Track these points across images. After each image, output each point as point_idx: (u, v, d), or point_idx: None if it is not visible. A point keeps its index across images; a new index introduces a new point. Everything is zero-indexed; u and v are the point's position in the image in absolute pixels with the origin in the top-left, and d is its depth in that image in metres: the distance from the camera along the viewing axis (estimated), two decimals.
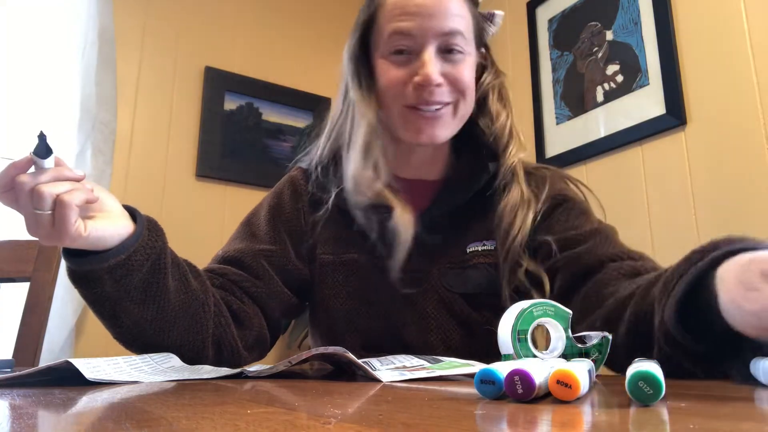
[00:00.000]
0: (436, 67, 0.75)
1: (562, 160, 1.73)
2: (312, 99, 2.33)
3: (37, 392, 0.41)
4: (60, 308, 1.63)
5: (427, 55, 0.75)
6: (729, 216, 1.31)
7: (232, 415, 0.28)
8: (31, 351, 1.01)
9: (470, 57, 0.79)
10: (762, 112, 1.28)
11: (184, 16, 2.16)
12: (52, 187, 0.54)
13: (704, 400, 0.36)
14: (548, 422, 0.27)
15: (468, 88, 0.78)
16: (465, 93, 0.78)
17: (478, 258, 0.80)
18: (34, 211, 0.54)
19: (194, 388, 0.44)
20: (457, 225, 0.82)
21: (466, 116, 0.81)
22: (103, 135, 1.84)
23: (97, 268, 0.59)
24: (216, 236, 1.99)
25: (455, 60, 0.77)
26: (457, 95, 0.78)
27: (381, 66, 0.79)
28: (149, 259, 0.62)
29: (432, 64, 0.74)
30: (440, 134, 0.79)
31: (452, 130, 0.80)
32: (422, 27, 0.75)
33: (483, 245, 0.81)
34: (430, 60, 0.74)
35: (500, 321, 0.47)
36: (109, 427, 0.26)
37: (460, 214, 0.82)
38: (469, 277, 0.79)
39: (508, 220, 0.77)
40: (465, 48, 0.77)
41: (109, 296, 0.61)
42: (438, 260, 0.80)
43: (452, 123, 0.79)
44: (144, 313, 0.64)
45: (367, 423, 0.26)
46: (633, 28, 1.59)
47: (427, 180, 0.86)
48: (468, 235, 0.82)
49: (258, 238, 0.84)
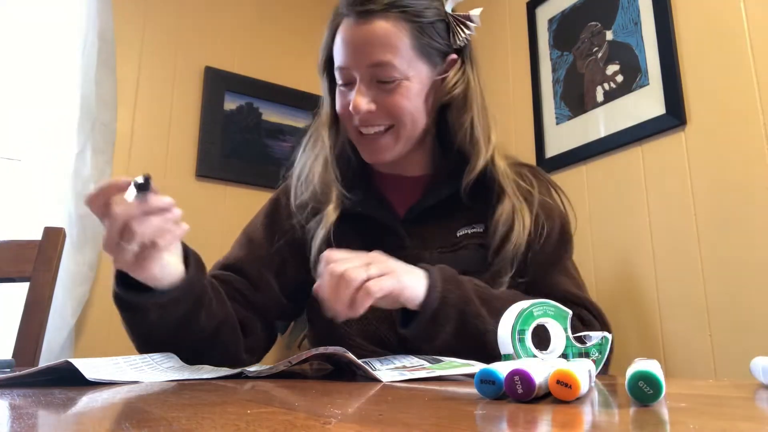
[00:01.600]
0: (363, 98, 0.80)
1: (562, 160, 1.73)
2: (312, 99, 2.33)
3: (37, 392, 0.41)
4: (60, 308, 1.63)
5: (357, 87, 0.81)
6: (729, 216, 1.31)
7: (232, 415, 0.28)
8: (31, 351, 1.01)
9: (409, 82, 0.81)
10: (762, 112, 1.28)
11: (184, 16, 2.16)
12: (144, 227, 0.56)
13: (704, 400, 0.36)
14: (548, 422, 0.27)
15: (405, 113, 0.82)
16: (400, 118, 0.82)
17: (469, 240, 0.85)
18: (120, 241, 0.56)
19: (194, 388, 0.44)
20: (446, 213, 0.88)
21: (415, 135, 0.85)
22: (103, 135, 1.84)
23: (148, 302, 0.64)
24: (216, 236, 1.98)
25: (388, 89, 0.81)
26: (392, 120, 0.82)
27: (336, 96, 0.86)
28: (193, 296, 0.68)
29: (359, 95, 0.80)
30: (384, 156, 0.85)
31: (398, 151, 0.85)
32: (352, 60, 0.81)
33: (472, 228, 0.86)
34: (358, 91, 0.81)
35: (500, 321, 0.47)
36: (109, 427, 0.26)
37: (448, 203, 0.87)
38: (460, 257, 0.84)
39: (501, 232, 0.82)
40: (400, 74, 0.80)
41: (151, 323, 0.67)
42: (430, 246, 0.85)
43: (396, 145, 0.85)
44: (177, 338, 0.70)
45: (367, 423, 0.26)
46: (633, 28, 1.59)
47: (413, 176, 0.92)
48: (456, 221, 0.87)
49: (255, 245, 0.90)
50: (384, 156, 0.85)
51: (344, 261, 0.63)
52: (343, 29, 0.81)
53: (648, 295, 1.44)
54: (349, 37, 0.80)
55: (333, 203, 0.85)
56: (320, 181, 0.87)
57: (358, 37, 0.79)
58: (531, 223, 0.84)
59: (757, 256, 1.24)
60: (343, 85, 0.84)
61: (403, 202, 0.89)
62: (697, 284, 1.35)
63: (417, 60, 0.81)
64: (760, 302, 1.23)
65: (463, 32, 0.84)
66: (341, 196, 0.85)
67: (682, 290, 1.38)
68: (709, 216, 1.35)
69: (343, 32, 0.81)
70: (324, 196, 0.86)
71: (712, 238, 1.34)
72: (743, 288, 1.26)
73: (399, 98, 0.81)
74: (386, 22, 0.79)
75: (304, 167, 0.91)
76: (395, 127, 0.83)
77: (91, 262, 1.74)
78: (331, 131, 0.89)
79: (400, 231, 0.85)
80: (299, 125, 2.31)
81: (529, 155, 1.80)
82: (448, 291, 0.69)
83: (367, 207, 0.86)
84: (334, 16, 0.84)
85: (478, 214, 0.86)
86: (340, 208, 0.85)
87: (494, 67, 1.98)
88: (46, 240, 1.10)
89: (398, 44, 0.79)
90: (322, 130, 0.90)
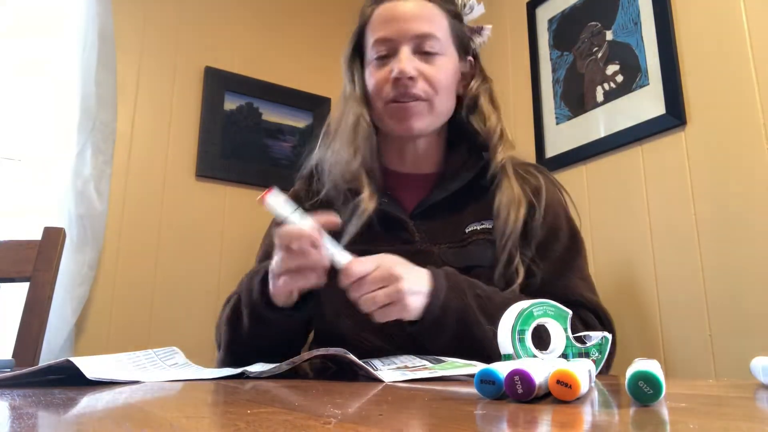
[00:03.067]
0: (410, 62, 0.84)
1: (562, 160, 1.73)
2: (312, 99, 2.33)
3: (37, 392, 0.41)
4: (60, 308, 1.62)
5: (402, 53, 0.84)
6: (729, 216, 1.31)
7: (233, 415, 0.28)
8: (31, 351, 1.01)
9: (446, 58, 0.87)
10: (762, 112, 1.28)
11: (184, 16, 2.16)
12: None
13: (704, 400, 0.36)
14: (548, 422, 0.27)
15: (442, 86, 0.87)
16: (438, 89, 0.86)
17: (478, 235, 0.87)
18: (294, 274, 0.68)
19: (194, 388, 0.44)
20: (455, 209, 0.90)
21: (444, 113, 0.90)
22: (103, 135, 1.84)
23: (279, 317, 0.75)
24: (216, 236, 1.99)
25: (430, 60, 0.86)
26: (431, 91, 0.86)
27: (368, 71, 0.90)
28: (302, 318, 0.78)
29: (405, 59, 0.84)
30: (417, 125, 0.87)
31: (429, 123, 0.88)
32: (398, 31, 0.85)
33: (481, 224, 0.88)
34: (404, 56, 0.84)
35: (500, 321, 0.47)
36: (109, 427, 0.26)
37: (456, 200, 0.89)
38: (468, 253, 0.85)
39: (503, 216, 0.85)
40: (440, 50, 0.86)
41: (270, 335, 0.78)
42: (439, 241, 0.86)
43: (428, 117, 0.88)
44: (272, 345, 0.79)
45: (367, 423, 0.26)
46: (633, 28, 1.59)
47: (423, 173, 0.93)
48: (465, 217, 0.89)
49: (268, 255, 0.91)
50: (416, 123, 0.87)
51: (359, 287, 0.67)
52: (383, 9, 0.87)
53: (648, 295, 1.44)
54: (395, 11, 0.86)
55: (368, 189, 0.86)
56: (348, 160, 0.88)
57: (405, 11, 0.85)
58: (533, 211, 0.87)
59: (757, 256, 1.24)
60: (381, 58, 0.87)
61: (413, 199, 0.90)
62: (697, 284, 1.35)
63: (451, 44, 0.88)
64: (760, 302, 1.23)
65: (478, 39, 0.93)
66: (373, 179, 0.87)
67: (682, 290, 1.38)
68: (709, 216, 1.35)
69: (384, 11, 0.87)
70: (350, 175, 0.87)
71: (712, 238, 1.34)
72: (743, 288, 1.26)
73: (438, 71, 0.86)
74: (429, 2, 0.87)
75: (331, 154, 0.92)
76: (432, 100, 0.86)
77: (91, 262, 1.74)
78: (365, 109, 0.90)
79: (410, 226, 0.87)
80: (299, 125, 2.31)
81: (529, 155, 1.80)
82: (448, 301, 0.72)
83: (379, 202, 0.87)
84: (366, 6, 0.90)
85: (486, 210, 0.88)
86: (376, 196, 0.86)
87: (494, 67, 1.98)
88: (46, 240, 1.10)
89: (440, 22, 0.87)
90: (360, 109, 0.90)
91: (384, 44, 0.86)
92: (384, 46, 0.86)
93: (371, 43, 0.88)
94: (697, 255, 1.36)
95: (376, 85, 0.87)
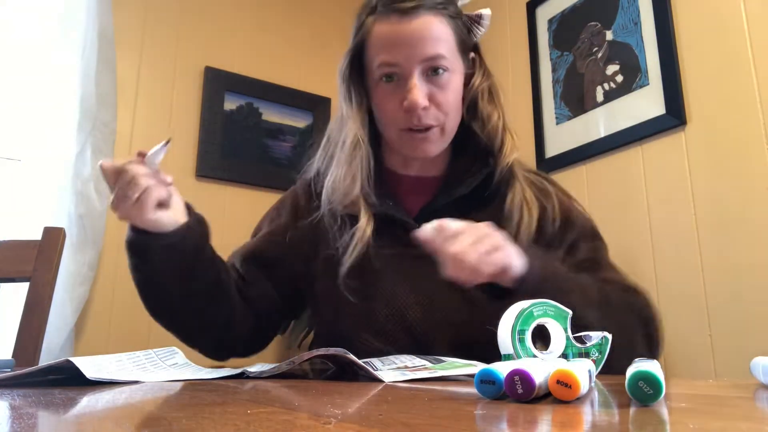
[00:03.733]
0: (421, 92, 0.81)
1: (562, 160, 1.73)
2: (312, 99, 2.33)
3: (37, 392, 0.41)
4: (60, 308, 1.63)
5: (412, 82, 0.81)
6: (729, 216, 1.31)
7: (232, 415, 0.28)
8: (31, 351, 1.01)
9: (455, 74, 0.84)
10: (762, 112, 1.28)
11: (184, 16, 2.16)
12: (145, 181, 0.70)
13: (704, 400, 0.36)
14: (548, 422, 0.27)
15: (452, 108, 0.84)
16: (449, 112, 0.84)
17: None
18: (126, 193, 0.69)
19: (194, 388, 0.44)
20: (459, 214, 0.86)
21: (454, 129, 0.87)
22: (103, 135, 1.84)
23: (153, 244, 0.73)
24: (216, 236, 1.98)
25: (440, 82, 0.82)
26: (443, 116, 0.84)
27: (375, 92, 0.86)
28: (193, 243, 0.77)
29: (417, 90, 0.80)
30: (432, 150, 0.86)
31: (442, 145, 0.87)
32: (407, 56, 0.80)
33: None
34: (415, 86, 0.80)
35: (500, 321, 0.47)
36: (109, 427, 0.26)
37: (461, 205, 0.87)
38: None
39: (516, 218, 0.83)
40: (449, 66, 0.82)
41: (155, 266, 0.76)
42: None
43: (441, 140, 0.86)
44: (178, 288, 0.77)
45: (367, 423, 0.26)
46: (633, 28, 1.59)
47: (429, 176, 0.92)
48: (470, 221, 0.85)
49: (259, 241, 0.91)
50: (432, 150, 0.86)
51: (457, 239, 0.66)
52: (385, 27, 0.81)
53: None
54: (401, 33, 0.80)
55: (365, 216, 0.84)
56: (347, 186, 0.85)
57: (411, 32, 0.80)
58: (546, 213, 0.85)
59: (757, 256, 1.24)
60: (389, 79, 0.83)
61: (418, 202, 0.89)
62: (697, 284, 1.35)
63: (456, 52, 0.84)
64: (760, 302, 1.23)
65: (479, 30, 0.88)
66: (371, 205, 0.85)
67: (682, 290, 1.38)
68: (709, 216, 1.35)
69: (387, 30, 0.81)
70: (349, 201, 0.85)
71: (712, 237, 1.34)
72: (743, 288, 1.26)
73: (448, 93, 0.83)
74: (433, 17, 0.81)
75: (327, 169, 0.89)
76: (442, 125, 0.84)
77: (91, 262, 1.74)
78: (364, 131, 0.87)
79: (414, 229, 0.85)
80: (299, 125, 2.31)
81: (529, 155, 1.80)
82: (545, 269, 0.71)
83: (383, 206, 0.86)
84: (363, 17, 0.85)
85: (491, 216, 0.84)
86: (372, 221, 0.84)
87: (494, 67, 1.98)
88: (46, 240, 1.10)
89: (445, 36, 0.82)
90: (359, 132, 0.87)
91: (391, 68, 0.82)
92: (392, 69, 0.82)
93: (376, 63, 0.83)
94: (697, 255, 1.36)
95: (388, 113, 0.85)
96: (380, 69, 0.82)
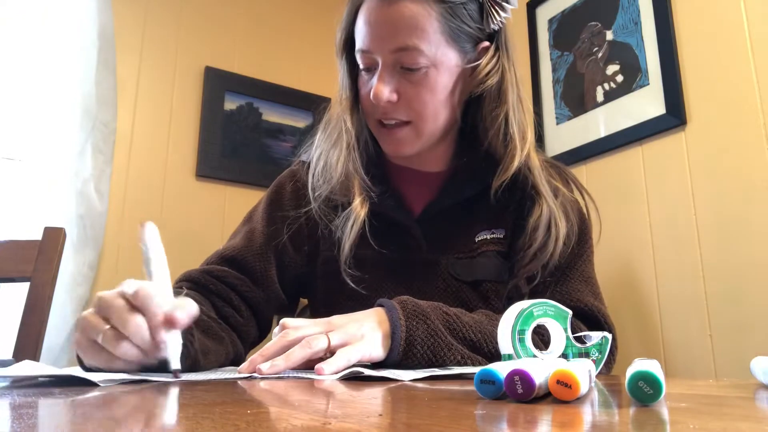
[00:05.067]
0: (387, 86, 0.74)
1: (562, 160, 1.72)
2: (312, 99, 2.33)
3: (37, 392, 0.41)
4: (60, 308, 1.63)
5: (378, 72, 0.75)
6: (729, 216, 1.31)
7: (232, 415, 0.28)
8: (31, 351, 1.01)
9: (439, 69, 0.75)
10: (762, 112, 1.28)
11: (184, 16, 2.16)
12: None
13: (704, 400, 0.36)
14: (548, 422, 0.27)
15: (428, 108, 0.76)
16: (422, 113, 0.76)
17: (487, 246, 0.81)
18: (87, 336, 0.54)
19: (194, 388, 0.44)
20: (465, 214, 0.83)
21: (437, 131, 0.80)
22: (103, 135, 1.84)
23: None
24: (216, 236, 1.99)
25: (413, 79, 0.74)
26: (413, 115, 0.76)
27: (359, 78, 0.81)
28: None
29: (380, 83, 0.74)
30: (405, 150, 0.80)
31: (419, 146, 0.80)
32: (373, 45, 0.74)
33: (492, 233, 0.82)
34: (378, 78, 0.74)
35: (500, 321, 0.47)
36: (110, 426, 0.26)
37: (467, 204, 0.83)
38: (477, 266, 0.80)
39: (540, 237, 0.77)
40: (425, 62, 0.73)
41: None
42: (447, 250, 0.81)
43: (416, 140, 0.79)
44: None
45: (367, 423, 0.26)
46: (633, 28, 1.59)
47: (433, 171, 0.87)
48: (476, 224, 0.83)
49: (256, 235, 0.85)
50: (405, 150, 0.80)
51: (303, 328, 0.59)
52: (366, 9, 0.75)
53: (648, 295, 1.44)
54: (373, 18, 0.73)
55: (358, 197, 0.78)
56: (342, 171, 0.80)
57: (383, 19, 0.73)
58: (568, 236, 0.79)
59: (757, 256, 1.24)
60: (365, 70, 0.78)
61: (420, 198, 0.84)
62: (697, 284, 1.35)
63: (446, 45, 0.75)
64: (760, 302, 1.23)
65: (498, 14, 0.77)
66: (366, 188, 0.79)
67: (682, 290, 1.38)
68: (709, 216, 1.35)
69: (366, 12, 0.75)
70: (344, 188, 0.80)
71: (712, 237, 1.33)
72: (743, 288, 1.26)
73: (423, 91, 0.75)
74: (414, 3, 0.72)
75: (321, 156, 0.85)
76: (414, 123, 0.77)
77: (91, 262, 1.74)
78: (353, 117, 0.82)
79: (417, 233, 0.81)
80: (299, 125, 2.31)
81: None
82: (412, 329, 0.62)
83: (383, 205, 0.81)
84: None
85: (499, 217, 0.82)
86: (368, 202, 0.79)
87: None
88: (46, 240, 1.10)
89: (426, 27, 0.72)
90: (343, 115, 0.82)
91: (365, 56, 0.76)
92: (364, 58, 0.76)
93: (356, 48, 0.77)
94: (697, 255, 1.36)
95: (363, 102, 0.80)
96: (359, 57, 0.77)
